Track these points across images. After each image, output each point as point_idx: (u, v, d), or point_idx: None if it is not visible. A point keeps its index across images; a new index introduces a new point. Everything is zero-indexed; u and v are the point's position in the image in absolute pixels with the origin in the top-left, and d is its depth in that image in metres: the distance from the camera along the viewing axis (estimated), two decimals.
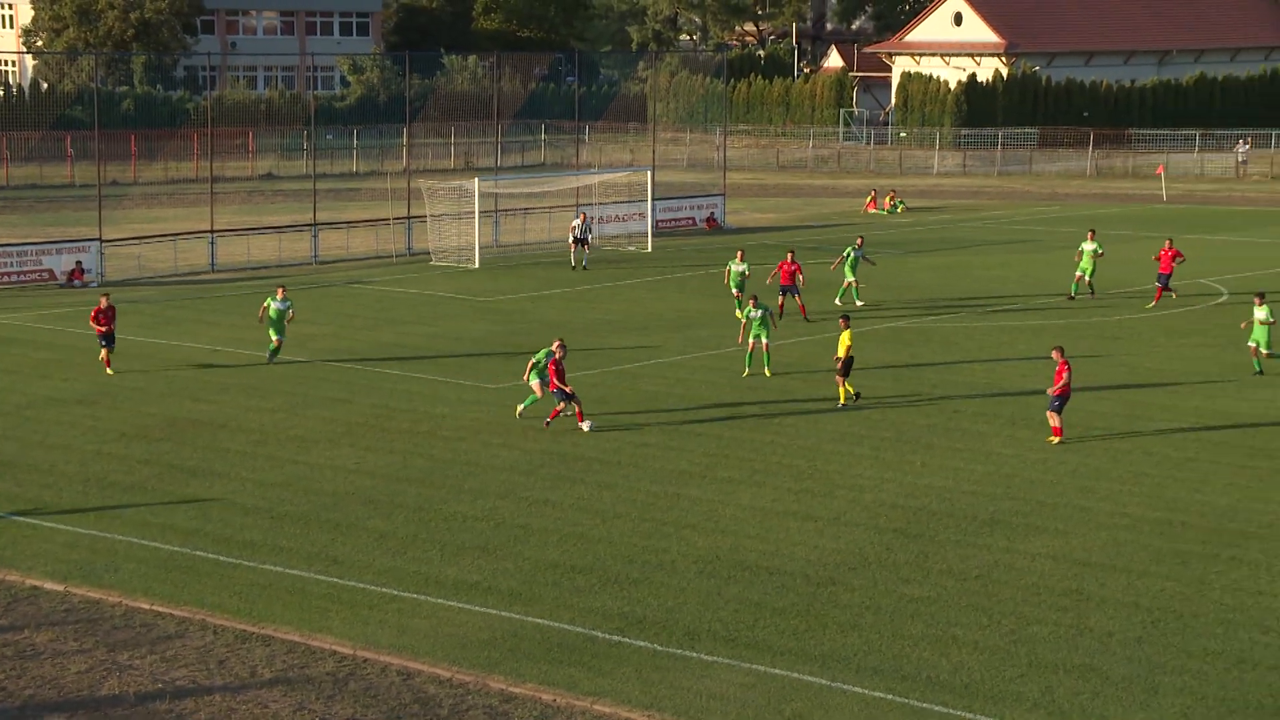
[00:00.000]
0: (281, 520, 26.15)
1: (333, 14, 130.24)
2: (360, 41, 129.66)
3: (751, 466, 29.30)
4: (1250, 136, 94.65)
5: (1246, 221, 68.98)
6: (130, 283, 52.34)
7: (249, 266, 55.57)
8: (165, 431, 31.87)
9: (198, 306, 47.69)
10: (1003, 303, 47.20)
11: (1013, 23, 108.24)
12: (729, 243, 61.96)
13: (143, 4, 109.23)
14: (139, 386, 35.99)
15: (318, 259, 57.04)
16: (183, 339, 41.81)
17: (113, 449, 30.54)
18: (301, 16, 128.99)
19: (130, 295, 49.75)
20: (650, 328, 43.48)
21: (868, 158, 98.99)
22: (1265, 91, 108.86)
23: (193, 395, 35.07)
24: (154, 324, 44.25)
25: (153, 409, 33.78)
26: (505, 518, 26.26)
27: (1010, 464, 29.42)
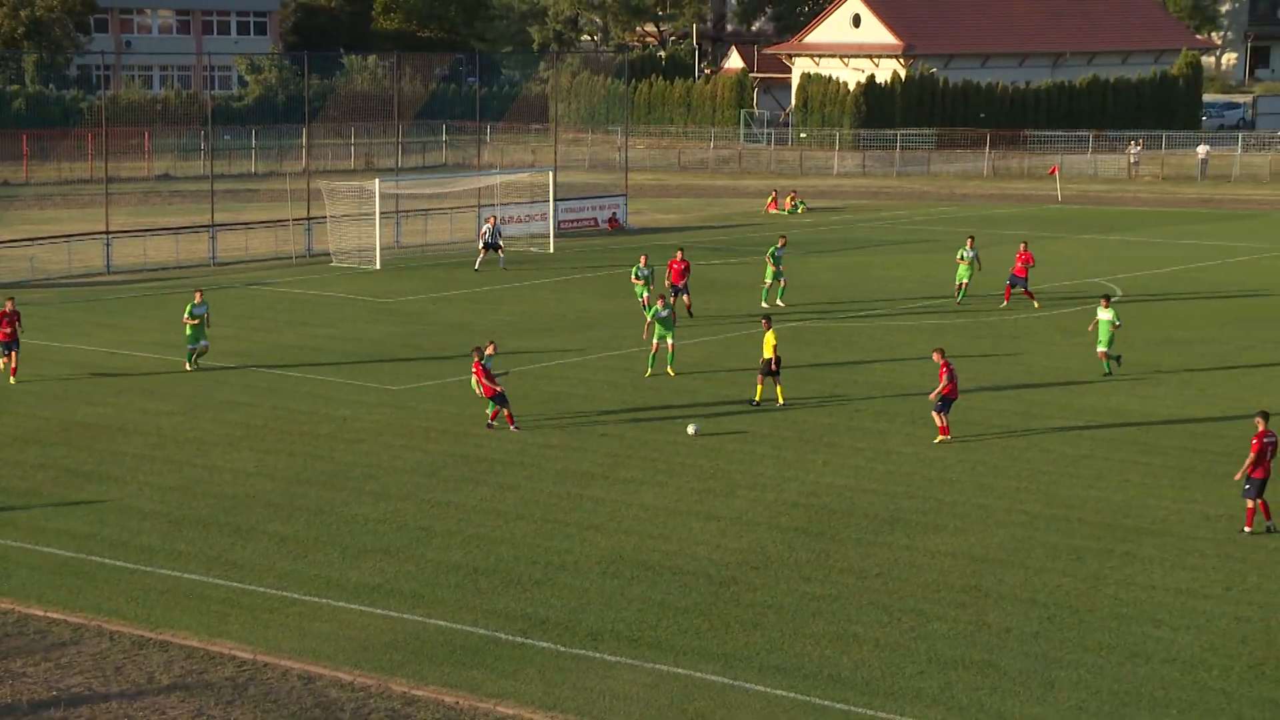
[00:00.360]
0: (180, 524, 25.85)
1: (229, 13, 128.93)
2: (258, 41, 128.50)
3: (654, 466, 29.37)
4: (1142, 138, 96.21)
5: (1139, 221, 70.14)
6: (23, 285, 51.46)
7: (146, 268, 54.87)
8: (60, 435, 31.40)
9: (93, 309, 47.02)
10: (903, 303, 47.64)
11: (910, 25, 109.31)
12: (631, 243, 62.09)
13: (34, 1, 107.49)
14: (33, 390, 35.43)
15: (216, 260, 56.44)
16: (78, 341, 41.21)
17: (5, 454, 30.04)
18: (198, 16, 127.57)
19: (23, 298, 48.88)
20: (552, 329, 43.44)
21: (768, 158, 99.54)
22: (1155, 94, 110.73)
23: (88, 399, 34.58)
24: (48, 326, 43.57)
25: (47, 413, 33.27)
26: (407, 520, 26.14)
27: (910, 463, 29.70)
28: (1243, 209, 75.65)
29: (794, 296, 48.10)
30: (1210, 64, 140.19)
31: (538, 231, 62.05)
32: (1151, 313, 45.43)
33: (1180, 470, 29.15)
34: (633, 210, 69.93)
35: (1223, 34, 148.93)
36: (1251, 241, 62.22)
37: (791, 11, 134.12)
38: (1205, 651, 20.76)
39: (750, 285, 50.40)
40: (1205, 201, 79.16)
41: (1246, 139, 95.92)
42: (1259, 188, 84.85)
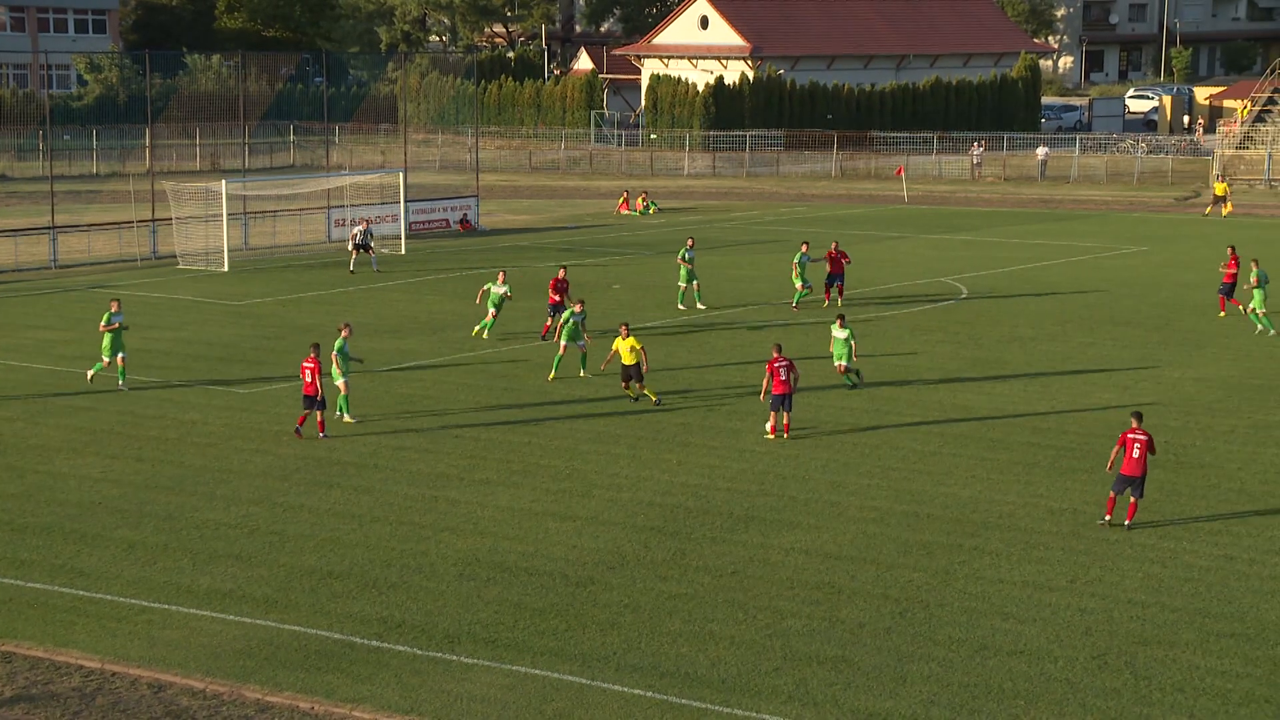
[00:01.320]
0: (23, 532, 25.25)
1: (66, 10, 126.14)
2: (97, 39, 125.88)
3: (509, 468, 29.30)
4: (984, 140, 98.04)
5: (983, 221, 71.48)
6: None
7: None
8: None
9: None
10: (754, 302, 48.02)
11: (757, 27, 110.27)
12: (483, 244, 61.90)
13: None
14: None
15: (57, 263, 55.21)
16: None
17: None
18: (33, 13, 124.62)
19: None
20: (404, 330, 43.15)
21: (619, 159, 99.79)
22: (996, 96, 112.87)
23: None
24: None
25: None
26: (259, 524, 25.80)
27: (763, 461, 29.97)
28: (1081, 209, 77.46)
29: (646, 297, 48.27)
30: (1048, 67, 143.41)
31: (389, 233, 61.58)
32: (996, 310, 46.32)
33: (1026, 465, 29.76)
34: (484, 211, 69.72)
35: (1059, 38, 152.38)
36: (1090, 240, 63.74)
37: (640, 13, 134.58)
38: (1051, 643, 21.23)
39: (600, 285, 50.50)
40: (1045, 202, 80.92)
41: (1084, 141, 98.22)
42: (1096, 188, 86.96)
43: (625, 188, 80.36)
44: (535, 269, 54.42)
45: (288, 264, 56.31)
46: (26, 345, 40.47)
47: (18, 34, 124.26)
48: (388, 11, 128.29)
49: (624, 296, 48.52)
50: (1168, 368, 38.55)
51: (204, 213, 56.86)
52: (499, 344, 40.86)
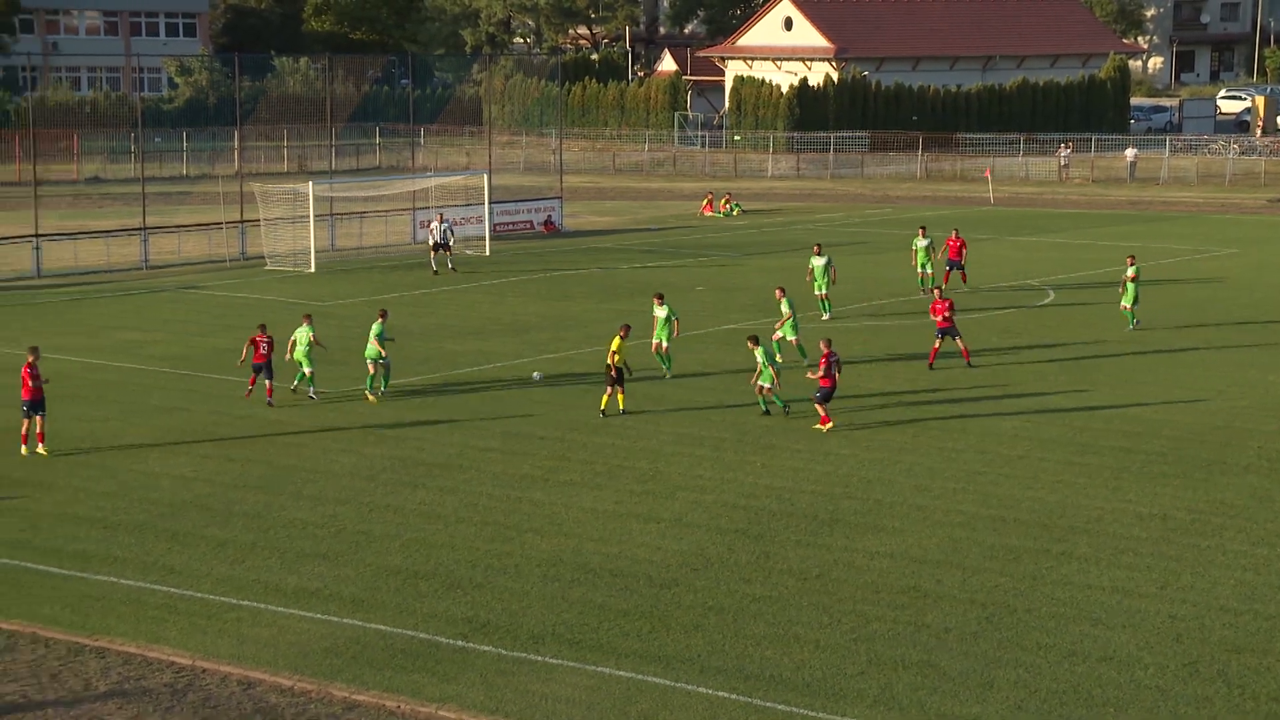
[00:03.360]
0: (116, 530, 25.61)
1: (158, 14, 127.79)
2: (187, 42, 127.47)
3: (593, 469, 29.37)
4: (1071, 141, 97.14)
5: (1070, 223, 70.82)
6: None
7: (76, 272, 54.33)
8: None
9: (22, 313, 46.50)
10: (838, 303, 47.84)
11: (842, 28, 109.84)
12: (567, 246, 62.07)
13: None
14: None
15: (148, 264, 55.95)
16: (6, 346, 40.71)
17: None
18: (125, 17, 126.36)
19: None
20: (487, 332, 43.36)
21: (703, 161, 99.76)
22: (1084, 98, 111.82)
23: (16, 404, 34.14)
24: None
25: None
26: (346, 524, 26.02)
27: (848, 464, 29.85)
28: (1171, 211, 76.54)
29: (729, 298, 48.21)
30: (1137, 68, 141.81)
31: (473, 234, 61.90)
32: (1085, 313, 45.85)
33: (1115, 470, 29.45)
34: (568, 213, 69.92)
35: (1148, 38, 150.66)
36: (1180, 243, 62.98)
37: (724, 14, 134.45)
38: (1141, 649, 20.99)
39: (683, 287, 50.50)
40: (1134, 203, 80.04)
41: (1173, 142, 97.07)
42: (1186, 190, 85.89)
43: (709, 189, 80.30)
44: (619, 271, 54.50)
45: (373, 265, 56.74)
46: (118, 345, 41.06)
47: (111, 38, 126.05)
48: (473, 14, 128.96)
49: (707, 298, 48.49)
50: (1262, 371, 38.01)
51: (291, 214, 57.41)
52: (582, 346, 40.95)
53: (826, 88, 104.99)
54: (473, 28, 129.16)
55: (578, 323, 44.52)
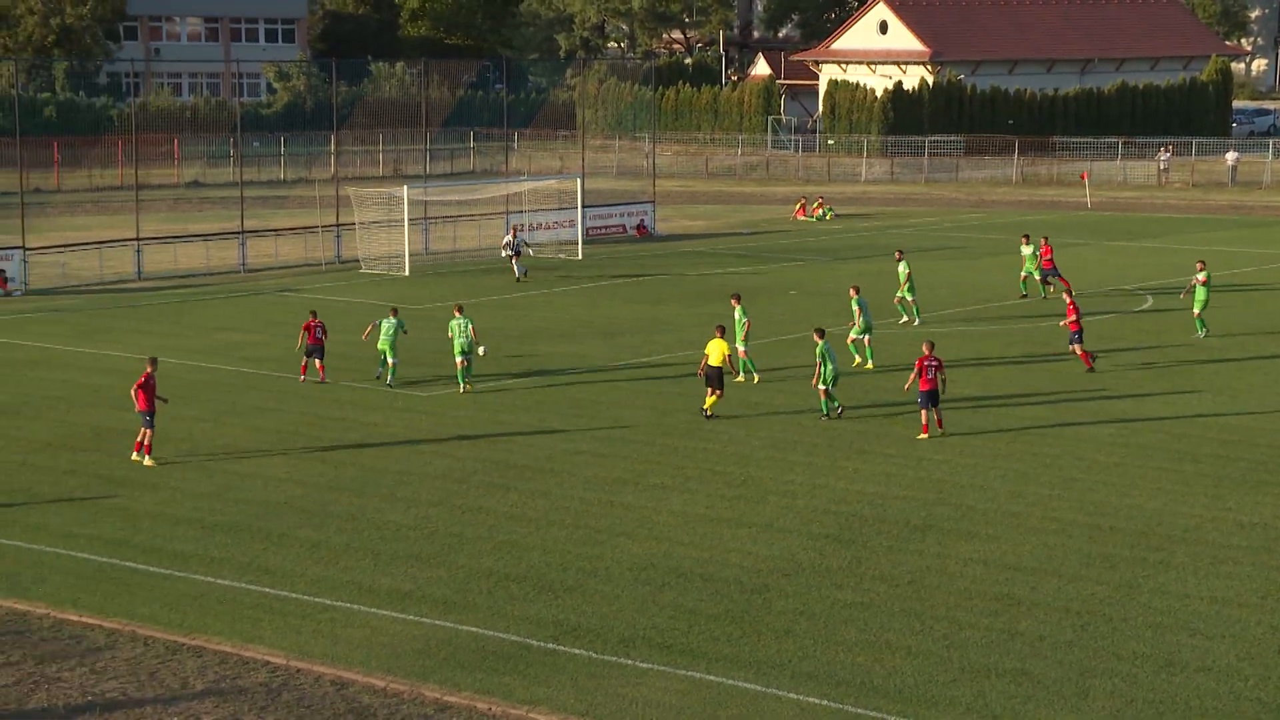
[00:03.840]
0: (212, 530, 25.93)
1: (258, 20, 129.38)
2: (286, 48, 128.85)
3: (684, 473, 29.35)
4: (1171, 145, 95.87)
5: (1169, 228, 69.89)
6: (54, 291, 51.76)
7: (176, 274, 55.11)
8: (91, 442, 31.52)
9: (124, 315, 47.23)
10: (931, 308, 47.52)
11: (937, 32, 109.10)
12: (659, 250, 62.10)
13: (63, 10, 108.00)
14: (64, 396, 35.59)
15: (246, 267, 56.64)
16: (108, 347, 41.38)
17: (38, 459, 30.18)
18: (226, 23, 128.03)
19: (55, 304, 49.25)
20: (580, 335, 43.47)
21: (796, 165, 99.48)
22: (1185, 101, 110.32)
23: (119, 405, 34.68)
24: (79, 333, 43.77)
25: (78, 419, 33.42)
26: (438, 526, 26.17)
27: (941, 469, 29.62)
28: (1273, 215, 75.29)
29: (822, 303, 48.01)
30: (1240, 71, 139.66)
31: (566, 238, 62.09)
32: (1184, 319, 45.20)
33: (1214, 478, 29.01)
34: (660, 217, 69.95)
35: (1252, 40, 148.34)
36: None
37: (818, 18, 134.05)
38: (1241, 660, 20.65)
39: (777, 291, 50.36)
40: (1236, 208, 78.84)
41: (1277, 145, 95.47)
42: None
43: (802, 193, 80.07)
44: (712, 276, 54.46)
45: (467, 269, 57.08)
46: (215, 347, 41.59)
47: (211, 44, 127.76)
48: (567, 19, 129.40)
49: (800, 302, 48.34)
50: None
51: (386, 218, 57.89)
52: (674, 350, 40.94)
53: (921, 91, 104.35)
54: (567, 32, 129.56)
55: (669, 326, 44.53)
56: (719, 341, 33.47)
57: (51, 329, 44.47)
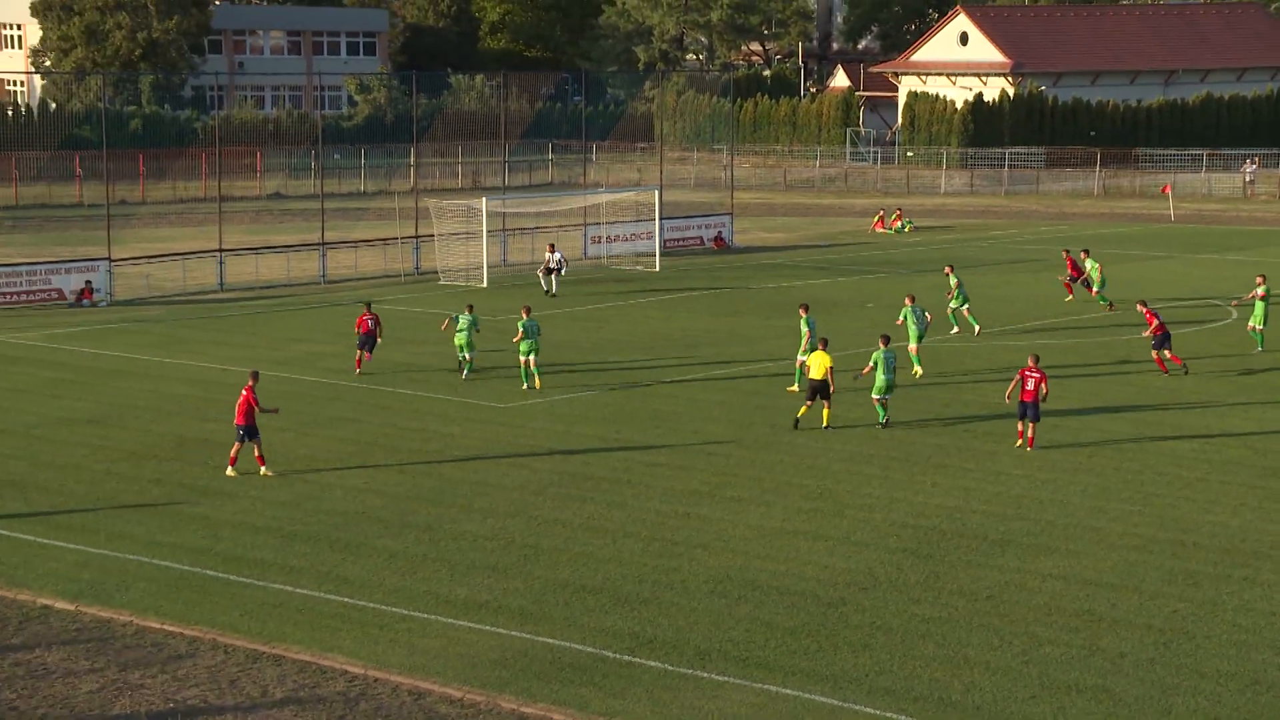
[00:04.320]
0: (292, 539, 26.16)
1: (339, 34, 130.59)
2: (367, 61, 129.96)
3: (761, 486, 29.31)
4: (1258, 156, 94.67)
5: (1255, 240, 69.00)
6: (139, 302, 52.45)
7: (257, 286, 55.68)
8: (174, 451, 31.90)
9: (206, 326, 47.78)
10: (1011, 321, 47.19)
11: (1019, 43, 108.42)
12: (737, 262, 62.05)
13: (150, 24, 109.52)
14: (147, 406, 36.03)
15: (326, 278, 57.12)
16: (191, 358, 41.87)
17: (122, 469, 30.57)
18: (308, 36, 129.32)
19: (139, 314, 49.91)
20: (657, 347, 43.51)
21: (875, 177, 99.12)
22: (1272, 111, 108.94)
23: (201, 415, 35.11)
24: (162, 343, 44.32)
25: (161, 428, 33.82)
26: (515, 537, 26.27)
27: (1020, 484, 29.41)
28: None
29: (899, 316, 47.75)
30: None
31: (643, 250, 62.18)
32: (1270, 335, 44.59)
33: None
34: (738, 229, 69.92)
35: None
36: None
37: (898, 30, 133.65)
38: None
39: (854, 303, 50.23)
40: None
41: None
42: None
43: (880, 206, 79.76)
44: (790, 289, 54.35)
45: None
46: (296, 358, 41.98)
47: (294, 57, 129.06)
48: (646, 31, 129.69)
49: (878, 315, 48.11)
50: None
51: (465, 229, 58.21)
52: (750, 361, 40.89)
53: (1002, 103, 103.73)
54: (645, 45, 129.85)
55: (746, 339, 44.48)
56: (822, 354, 33.60)
57: (136, 339, 45.06)
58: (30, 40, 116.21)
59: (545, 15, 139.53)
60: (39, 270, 52.72)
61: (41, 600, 23.30)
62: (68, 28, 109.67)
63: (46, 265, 53.53)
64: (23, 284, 51.84)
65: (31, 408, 35.74)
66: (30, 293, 51.72)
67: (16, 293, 51.48)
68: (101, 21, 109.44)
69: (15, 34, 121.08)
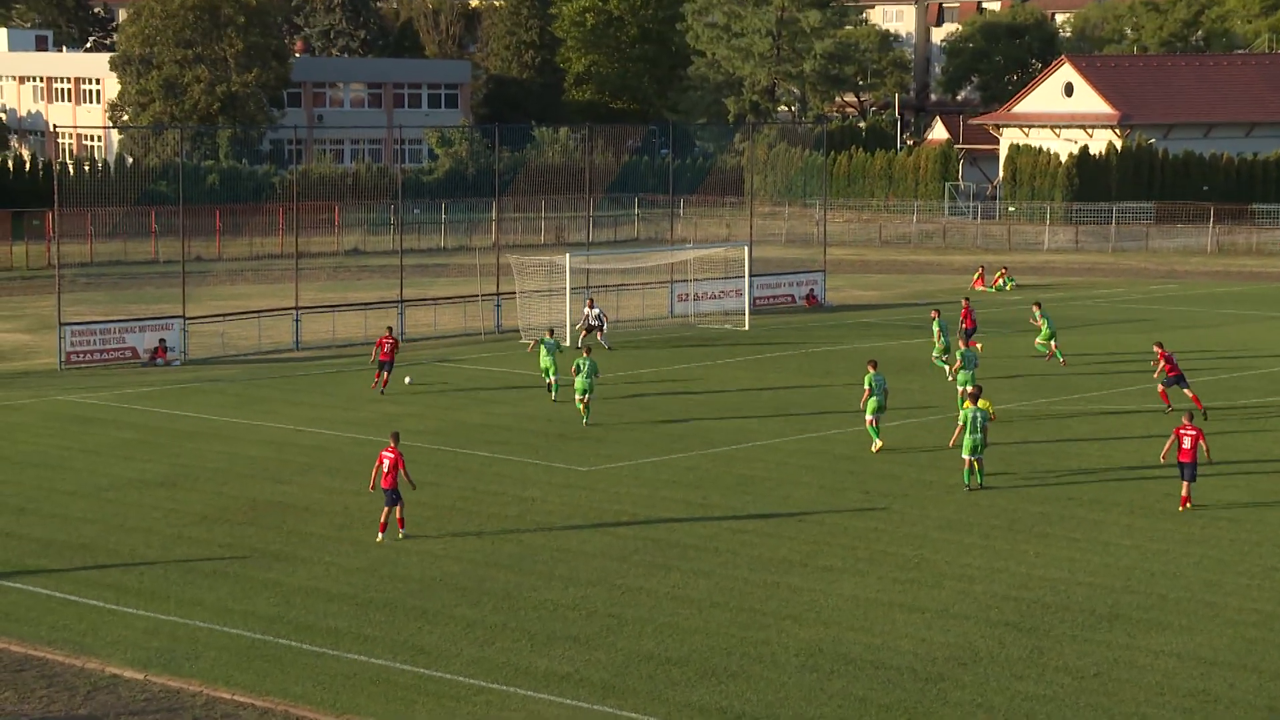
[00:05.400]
0: (366, 607, 26.25)
1: (421, 85, 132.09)
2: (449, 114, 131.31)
3: (854, 554, 29.10)
4: None
5: None
6: (213, 361, 53.05)
7: (334, 344, 56.15)
8: (247, 514, 32.16)
9: (281, 385, 48.23)
10: (1119, 383, 46.67)
11: (1127, 94, 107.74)
12: (829, 320, 61.88)
13: (229, 78, 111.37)
14: (220, 467, 36.37)
15: (404, 337, 57.49)
16: (265, 419, 42.26)
17: (194, 532, 30.85)
18: (389, 89, 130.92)
19: (213, 374, 50.48)
20: (746, 408, 43.41)
21: (974, 233, 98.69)
22: None
23: (275, 477, 35.40)
24: (236, 403, 44.78)
25: (234, 491, 34.12)
26: (597, 606, 26.21)
27: (1129, 555, 29.01)
28: None
29: (1001, 376, 47.41)
30: None
31: (732, 308, 62.16)
32: None
33: None
34: (831, 286, 69.76)
35: None
36: None
37: (999, 80, 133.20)
38: None
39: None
40: None
41: None
42: None
43: (981, 262, 79.33)
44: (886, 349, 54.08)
45: (630, 339, 57.36)
46: (371, 419, 42.23)
47: (374, 110, 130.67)
48: (736, 82, 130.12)
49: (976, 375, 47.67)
50: None
51: (547, 286, 58.44)
52: (844, 425, 40.65)
53: (1109, 156, 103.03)
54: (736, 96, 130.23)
55: (839, 400, 44.28)
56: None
57: (209, 399, 45.56)
58: (108, 94, 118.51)
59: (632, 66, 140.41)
60: (112, 328, 53.47)
61: (110, 669, 23.50)
62: (146, 82, 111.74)
63: (120, 323, 54.28)
64: (96, 342, 52.61)
65: (104, 469, 36.20)
66: (104, 351, 52.48)
67: (90, 351, 52.26)
68: (180, 75, 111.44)
69: (94, 89, 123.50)
